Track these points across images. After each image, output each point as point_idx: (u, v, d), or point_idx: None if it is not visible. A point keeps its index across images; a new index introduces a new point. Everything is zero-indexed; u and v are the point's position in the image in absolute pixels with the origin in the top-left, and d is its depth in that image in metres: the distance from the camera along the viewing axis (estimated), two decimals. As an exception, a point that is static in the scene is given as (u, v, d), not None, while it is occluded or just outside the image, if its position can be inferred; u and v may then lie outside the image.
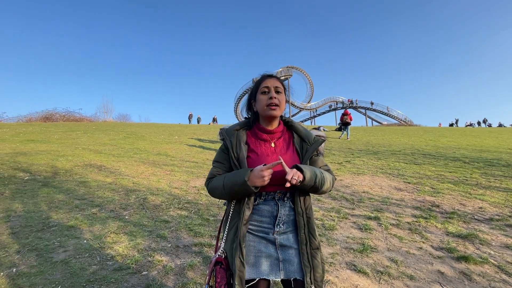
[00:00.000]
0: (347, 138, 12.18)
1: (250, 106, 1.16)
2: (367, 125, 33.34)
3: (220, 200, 3.10)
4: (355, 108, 35.65)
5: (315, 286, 0.98)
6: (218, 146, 6.96)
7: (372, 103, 35.46)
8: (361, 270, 2.14)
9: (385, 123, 33.40)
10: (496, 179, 4.95)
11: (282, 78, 31.87)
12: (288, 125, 1.16)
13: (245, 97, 1.18)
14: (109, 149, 7.82)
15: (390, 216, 3.32)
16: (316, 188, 1.01)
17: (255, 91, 1.10)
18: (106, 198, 3.80)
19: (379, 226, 3.02)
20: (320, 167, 1.11)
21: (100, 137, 10.13)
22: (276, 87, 1.06)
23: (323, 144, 1.15)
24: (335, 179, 1.14)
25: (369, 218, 3.25)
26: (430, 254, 2.42)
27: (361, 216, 3.33)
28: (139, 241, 2.57)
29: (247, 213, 1.01)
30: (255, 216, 1.04)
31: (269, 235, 1.03)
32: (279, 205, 1.03)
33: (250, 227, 1.04)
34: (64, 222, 2.94)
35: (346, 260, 2.31)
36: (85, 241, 2.55)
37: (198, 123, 28.73)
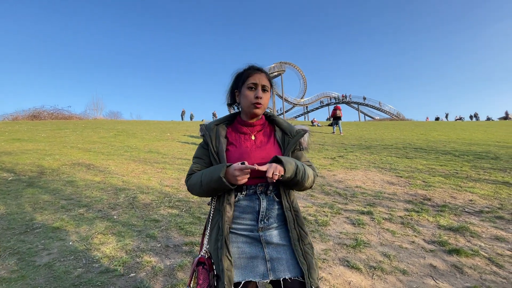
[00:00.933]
0: (340, 133, 12.26)
1: (233, 95, 1.10)
2: (359, 120, 33.61)
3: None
4: (348, 103, 35.86)
5: (312, 284, 0.92)
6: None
7: (364, 98, 35.73)
8: (354, 266, 2.12)
9: (378, 118, 33.74)
10: (485, 172, 5.03)
11: (275, 73, 31.67)
12: (270, 119, 1.12)
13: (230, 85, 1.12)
14: (98, 147, 7.63)
15: (383, 210, 3.33)
16: (297, 181, 0.95)
17: (241, 83, 1.04)
18: (94, 197, 3.68)
19: (372, 220, 3.01)
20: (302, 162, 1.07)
21: (89, 135, 9.89)
22: (264, 85, 1.02)
23: (307, 138, 1.11)
24: (317, 175, 1.09)
25: (362, 213, 3.24)
26: (422, 248, 2.42)
27: (354, 211, 3.32)
28: (127, 242, 2.49)
29: (228, 210, 0.95)
30: (237, 213, 0.98)
31: (253, 232, 0.97)
32: (261, 199, 0.97)
33: (233, 225, 0.97)
34: (49, 224, 2.83)
35: (339, 256, 2.28)
36: (70, 243, 2.45)
37: (191, 119, 28.41)
